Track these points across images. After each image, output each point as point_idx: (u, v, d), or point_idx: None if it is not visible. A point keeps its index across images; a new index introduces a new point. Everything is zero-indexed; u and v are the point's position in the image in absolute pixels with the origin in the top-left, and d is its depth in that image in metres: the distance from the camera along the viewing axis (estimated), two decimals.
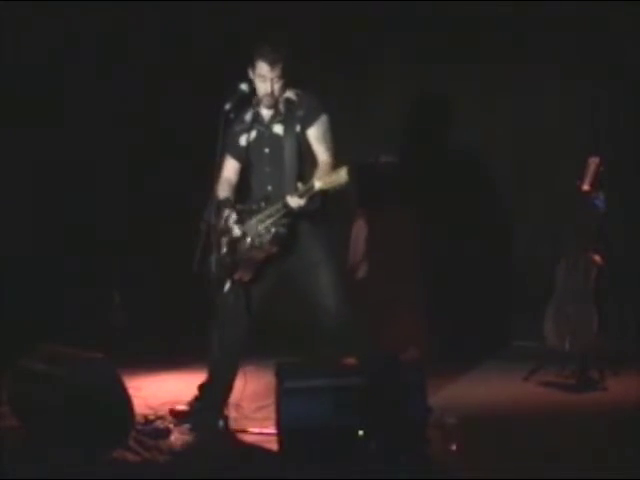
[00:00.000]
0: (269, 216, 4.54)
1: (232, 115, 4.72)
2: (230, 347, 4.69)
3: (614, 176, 5.72)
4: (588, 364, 5.51)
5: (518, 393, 5.41)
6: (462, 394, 5.36)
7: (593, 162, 5.56)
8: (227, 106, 4.78)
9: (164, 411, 4.95)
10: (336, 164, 4.55)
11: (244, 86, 4.70)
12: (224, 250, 4.66)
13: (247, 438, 4.57)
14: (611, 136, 6.18)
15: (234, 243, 4.64)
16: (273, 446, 4.28)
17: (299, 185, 4.47)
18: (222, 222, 4.69)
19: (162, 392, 5.54)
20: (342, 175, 4.38)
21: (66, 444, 4.20)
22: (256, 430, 4.64)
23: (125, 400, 4.45)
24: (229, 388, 4.79)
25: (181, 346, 6.42)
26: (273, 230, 4.53)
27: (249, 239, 4.58)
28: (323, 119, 4.72)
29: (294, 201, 4.44)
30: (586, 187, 5.54)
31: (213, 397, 4.79)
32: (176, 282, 6.66)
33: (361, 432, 4.10)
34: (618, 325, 5.79)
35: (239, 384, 4.81)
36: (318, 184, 4.38)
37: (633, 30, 6.10)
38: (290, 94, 4.76)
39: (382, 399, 4.18)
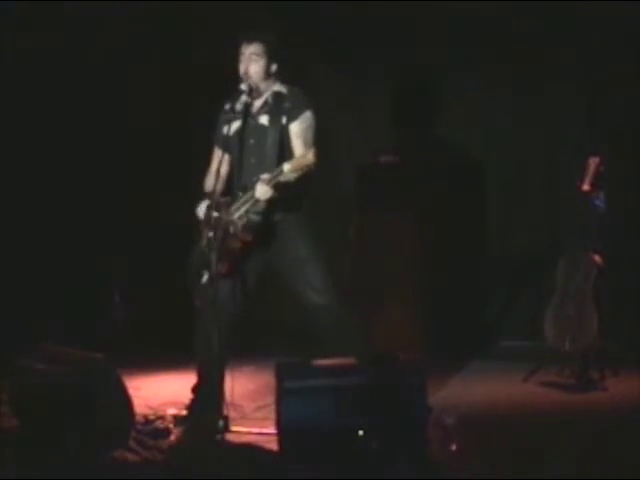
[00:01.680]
0: (243, 203, 4.55)
1: (232, 115, 4.74)
2: (216, 342, 4.61)
3: (614, 176, 5.71)
4: (588, 364, 5.51)
5: (518, 393, 5.41)
6: (462, 394, 5.36)
7: (593, 162, 5.55)
8: (227, 106, 4.79)
9: (164, 411, 4.95)
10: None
11: (244, 86, 4.71)
12: (204, 242, 4.66)
13: (247, 438, 4.57)
14: (611, 136, 6.17)
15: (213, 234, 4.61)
16: (273, 446, 4.27)
17: (266, 173, 4.47)
18: (204, 214, 4.72)
19: (162, 392, 5.54)
20: (309, 157, 4.37)
21: (66, 444, 4.20)
22: (256, 430, 4.64)
23: (125, 400, 4.45)
24: (220, 384, 4.77)
25: (181, 346, 6.41)
26: (245, 218, 4.54)
27: (230, 228, 4.58)
28: (307, 115, 4.70)
29: (261, 190, 4.45)
30: (586, 187, 5.53)
31: (207, 396, 4.78)
32: (176, 282, 6.65)
33: (361, 432, 4.10)
34: (618, 325, 5.78)
35: (229, 384, 4.79)
36: (287, 167, 4.38)
37: (633, 30, 6.10)
38: (280, 88, 4.76)
39: (382, 399, 4.18)
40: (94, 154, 6.90)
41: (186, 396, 4.93)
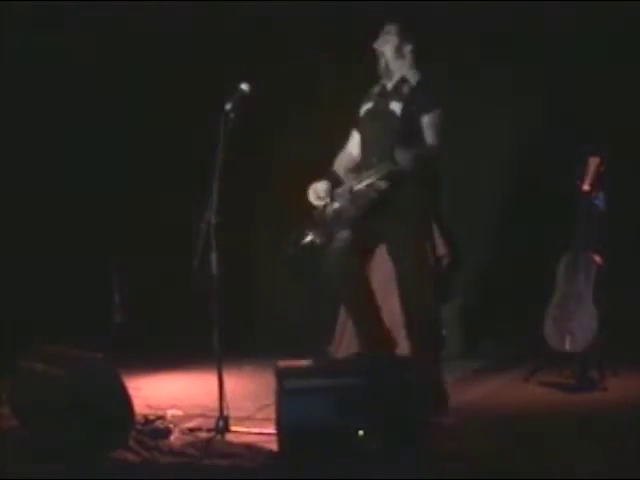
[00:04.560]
0: (366, 178, 4.71)
1: (232, 115, 4.74)
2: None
3: (614, 176, 5.71)
4: (588, 364, 5.51)
5: (518, 393, 5.41)
6: (462, 394, 5.36)
7: (593, 162, 5.56)
8: (227, 106, 4.79)
9: (164, 411, 4.95)
10: None
11: (244, 86, 4.72)
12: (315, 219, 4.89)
13: (247, 438, 4.56)
14: (611, 136, 6.17)
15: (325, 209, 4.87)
16: (273, 446, 4.28)
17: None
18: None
19: (162, 392, 5.54)
20: (433, 150, 4.68)
21: (66, 444, 4.20)
22: (256, 430, 4.64)
23: (125, 400, 4.45)
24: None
25: (181, 346, 6.42)
26: (364, 194, 4.69)
27: (337, 203, 4.82)
28: (438, 112, 4.84)
29: (402, 155, 4.57)
30: (586, 187, 5.54)
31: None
32: (176, 282, 6.66)
33: (361, 432, 4.10)
34: (618, 325, 5.78)
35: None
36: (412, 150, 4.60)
37: (633, 29, 6.11)
38: (409, 74, 4.93)
39: (382, 399, 4.18)
40: (95, 154, 6.90)
41: (186, 396, 4.94)
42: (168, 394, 5.46)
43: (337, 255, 4.86)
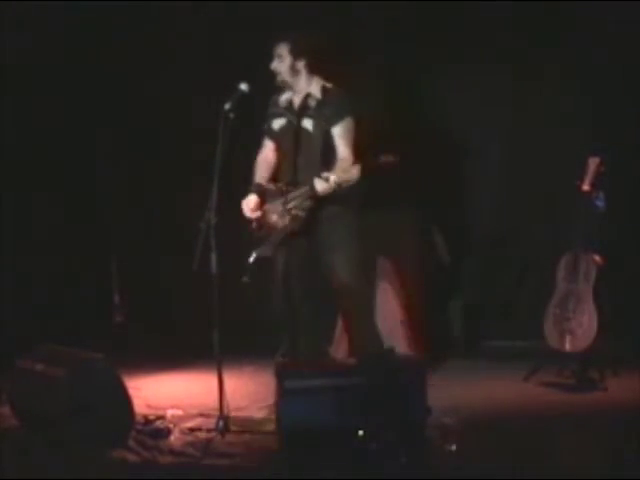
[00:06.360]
0: (293, 199, 4.75)
1: (232, 115, 4.75)
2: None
3: (614, 176, 5.71)
4: (588, 364, 5.51)
5: (518, 393, 5.41)
6: (462, 394, 5.36)
7: (593, 162, 5.56)
8: (227, 106, 4.80)
9: (164, 411, 4.95)
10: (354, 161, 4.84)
11: (244, 86, 4.75)
12: (254, 226, 4.99)
13: (247, 438, 4.57)
14: (611, 136, 6.17)
15: (261, 221, 4.97)
16: (273, 446, 4.28)
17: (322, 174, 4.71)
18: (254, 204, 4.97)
19: (162, 392, 5.54)
20: (353, 173, 4.73)
21: (66, 444, 4.20)
22: (256, 430, 4.64)
23: (125, 400, 4.45)
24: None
25: (181, 346, 6.42)
26: (293, 213, 4.75)
27: (273, 217, 4.88)
28: (347, 120, 4.92)
29: (321, 184, 4.65)
30: (586, 187, 5.54)
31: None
32: (176, 282, 6.66)
33: (361, 432, 4.10)
34: (618, 325, 5.78)
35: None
36: (333, 178, 4.64)
37: (633, 30, 6.11)
38: (314, 89, 4.95)
39: (382, 399, 4.18)
40: (95, 154, 6.90)
41: (186, 396, 4.94)
42: (168, 394, 5.46)
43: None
